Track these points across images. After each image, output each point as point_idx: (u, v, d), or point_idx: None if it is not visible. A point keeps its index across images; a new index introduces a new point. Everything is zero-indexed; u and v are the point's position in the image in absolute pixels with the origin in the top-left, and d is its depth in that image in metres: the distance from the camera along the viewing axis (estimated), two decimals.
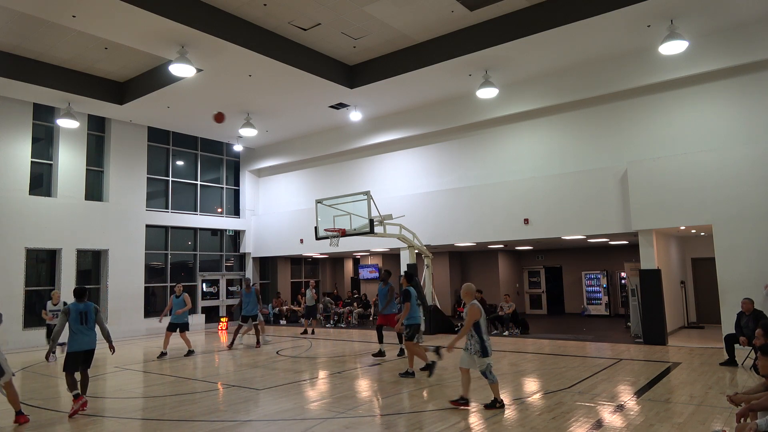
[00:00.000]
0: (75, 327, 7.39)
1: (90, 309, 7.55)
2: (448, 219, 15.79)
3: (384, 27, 12.45)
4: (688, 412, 6.40)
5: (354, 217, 13.67)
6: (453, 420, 6.32)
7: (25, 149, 15.27)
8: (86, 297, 7.66)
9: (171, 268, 18.81)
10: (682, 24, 11.23)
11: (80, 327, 7.40)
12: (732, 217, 11.13)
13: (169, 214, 18.76)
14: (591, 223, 13.31)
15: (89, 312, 7.52)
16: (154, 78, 14.54)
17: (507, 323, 15.05)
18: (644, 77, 12.80)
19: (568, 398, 7.22)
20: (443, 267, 21.21)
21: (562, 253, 21.45)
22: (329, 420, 6.50)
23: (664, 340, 11.97)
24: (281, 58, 12.79)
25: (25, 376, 10.40)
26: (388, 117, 17.35)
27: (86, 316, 7.48)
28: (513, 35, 11.92)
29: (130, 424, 6.68)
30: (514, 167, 15.19)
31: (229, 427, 6.32)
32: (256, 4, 11.31)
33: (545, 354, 11.25)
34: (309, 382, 8.95)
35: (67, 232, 15.86)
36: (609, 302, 19.28)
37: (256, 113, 16.89)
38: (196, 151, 19.96)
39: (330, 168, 19.79)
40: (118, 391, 8.73)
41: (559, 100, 14.10)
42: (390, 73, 13.91)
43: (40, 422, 6.81)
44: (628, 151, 13.29)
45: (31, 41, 12.70)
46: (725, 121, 12.17)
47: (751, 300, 9.57)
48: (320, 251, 18.88)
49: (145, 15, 10.45)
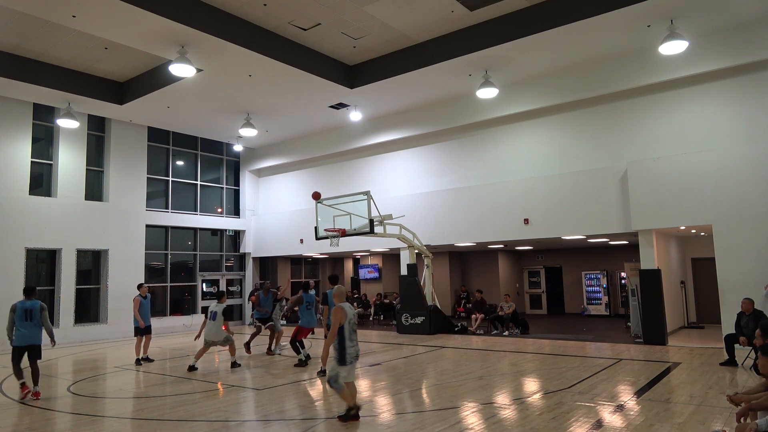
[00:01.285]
0: (19, 323, 8.09)
1: (36, 307, 8.18)
2: (448, 219, 15.79)
3: (384, 27, 12.44)
4: (688, 412, 6.40)
5: (354, 217, 13.67)
6: (453, 420, 6.32)
7: (25, 149, 15.27)
8: (34, 295, 8.35)
9: (171, 268, 18.81)
10: (682, 24, 11.23)
11: (24, 323, 8.13)
12: (732, 217, 11.13)
13: (169, 214, 18.76)
14: (591, 223, 13.30)
15: (34, 310, 8.17)
16: (154, 78, 14.54)
17: (507, 323, 15.05)
18: (644, 77, 12.80)
19: (568, 398, 7.22)
20: (443, 267, 21.21)
21: (562, 253, 21.45)
22: (329, 420, 6.50)
23: (664, 340, 11.96)
24: (281, 58, 12.79)
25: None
26: (388, 117, 17.35)
27: (31, 314, 8.14)
28: (513, 35, 11.92)
29: (130, 424, 6.68)
30: (514, 167, 15.19)
31: (229, 427, 6.32)
32: (256, 4, 11.31)
33: (545, 354, 11.25)
34: (309, 382, 8.95)
35: (67, 232, 15.86)
36: (609, 302, 19.28)
37: (256, 113, 16.89)
38: (196, 151, 19.96)
39: (330, 168, 19.79)
40: (118, 391, 8.73)
41: (559, 100, 14.10)
42: (390, 73, 13.91)
43: (38, 422, 6.81)
44: (628, 151, 13.29)
45: (31, 41, 12.70)
46: (725, 121, 12.16)
47: (751, 300, 9.57)
48: (320, 251, 18.88)
49: (145, 15, 10.45)
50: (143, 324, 11.36)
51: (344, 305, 6.44)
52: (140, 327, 11.38)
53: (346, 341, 6.29)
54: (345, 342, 6.28)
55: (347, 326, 6.34)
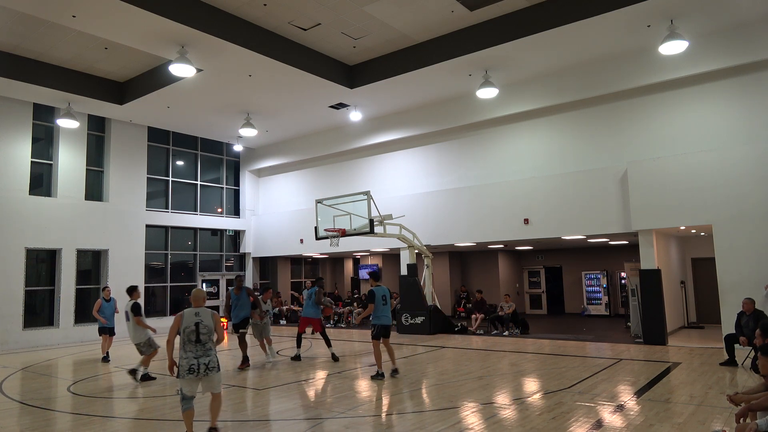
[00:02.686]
0: None
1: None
2: (448, 219, 15.79)
3: (384, 27, 12.44)
4: (688, 412, 6.40)
5: (354, 217, 13.67)
6: (453, 420, 6.31)
7: (25, 149, 15.27)
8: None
9: (171, 268, 18.82)
10: (682, 24, 11.23)
11: None
12: (732, 217, 11.12)
13: (169, 214, 18.76)
14: (591, 223, 13.30)
15: None
16: (154, 78, 14.54)
17: (507, 323, 15.05)
18: (644, 77, 12.79)
19: (568, 398, 7.22)
20: (443, 267, 21.21)
21: (562, 253, 21.45)
22: (329, 420, 6.50)
23: (664, 340, 11.96)
24: (281, 58, 12.79)
25: (25, 376, 10.40)
26: (388, 117, 17.35)
27: None
28: (513, 35, 11.92)
29: (130, 424, 6.68)
30: (514, 167, 15.19)
31: (229, 427, 6.32)
32: (256, 4, 11.31)
33: (545, 354, 11.25)
34: (309, 382, 8.95)
35: (67, 232, 15.86)
36: (609, 302, 19.28)
37: (256, 113, 16.89)
38: (196, 151, 19.96)
39: (330, 168, 19.79)
40: (118, 391, 8.73)
41: (559, 100, 14.10)
42: (390, 73, 13.91)
43: (38, 422, 6.80)
44: (628, 151, 13.29)
45: (31, 41, 12.70)
46: (725, 121, 12.16)
47: (752, 300, 9.57)
48: (320, 251, 18.88)
49: (145, 15, 10.45)
50: (105, 322, 12.11)
51: (185, 312, 5.74)
52: (104, 326, 12.09)
53: (182, 350, 5.63)
54: (181, 350, 5.65)
55: (182, 335, 5.64)
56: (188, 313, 5.72)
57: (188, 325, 5.66)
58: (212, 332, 5.77)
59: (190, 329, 5.65)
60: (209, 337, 5.73)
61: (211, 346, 5.74)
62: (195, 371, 5.58)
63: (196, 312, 5.73)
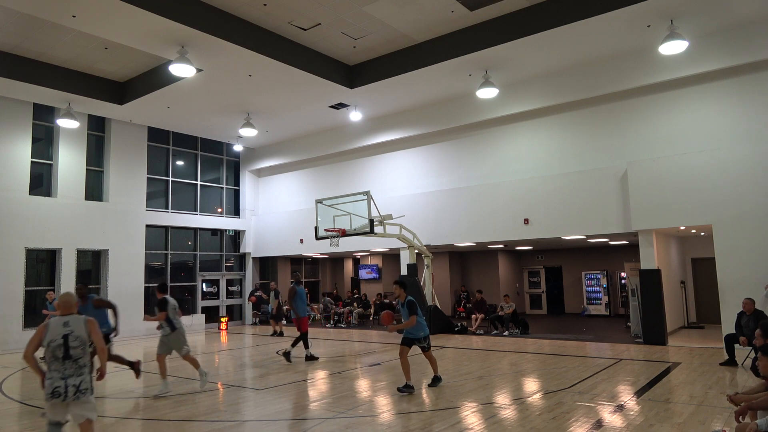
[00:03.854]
0: None
1: None
2: (448, 219, 15.79)
3: (384, 27, 12.44)
4: (688, 412, 6.40)
5: (354, 217, 13.67)
6: (453, 420, 6.32)
7: (25, 149, 15.27)
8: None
9: (171, 268, 18.81)
10: (682, 24, 11.23)
11: None
12: (732, 217, 11.12)
13: (169, 214, 18.76)
14: (591, 223, 13.30)
15: None
16: (154, 78, 14.54)
17: (507, 323, 15.06)
18: (644, 77, 12.79)
19: (568, 398, 7.22)
20: (443, 267, 21.21)
21: (562, 253, 21.45)
22: (329, 420, 6.50)
23: (664, 340, 11.96)
24: (281, 58, 12.78)
25: (25, 376, 10.40)
26: (388, 117, 17.34)
27: None
28: (513, 35, 11.92)
29: (130, 424, 6.68)
30: (514, 167, 15.19)
31: (229, 427, 6.32)
32: (256, 4, 11.31)
33: (545, 354, 11.25)
34: (309, 382, 8.95)
35: (67, 232, 15.85)
36: (609, 302, 19.28)
37: (256, 113, 16.89)
38: (196, 151, 19.96)
39: (330, 168, 19.79)
40: (118, 391, 8.73)
41: (559, 100, 14.10)
42: (390, 73, 13.91)
43: (38, 422, 6.80)
44: (628, 151, 13.29)
45: (31, 41, 12.70)
46: (725, 121, 12.16)
47: (752, 300, 9.57)
48: (320, 251, 18.88)
49: (145, 15, 10.45)
50: None
51: (51, 322, 4.64)
52: None
53: (47, 371, 4.57)
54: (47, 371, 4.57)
55: (47, 350, 4.55)
56: (54, 323, 4.61)
57: (53, 338, 4.53)
58: (86, 344, 4.64)
59: (56, 343, 4.52)
60: (82, 350, 4.62)
61: (85, 362, 4.64)
62: (60, 395, 4.45)
63: (65, 322, 4.62)
